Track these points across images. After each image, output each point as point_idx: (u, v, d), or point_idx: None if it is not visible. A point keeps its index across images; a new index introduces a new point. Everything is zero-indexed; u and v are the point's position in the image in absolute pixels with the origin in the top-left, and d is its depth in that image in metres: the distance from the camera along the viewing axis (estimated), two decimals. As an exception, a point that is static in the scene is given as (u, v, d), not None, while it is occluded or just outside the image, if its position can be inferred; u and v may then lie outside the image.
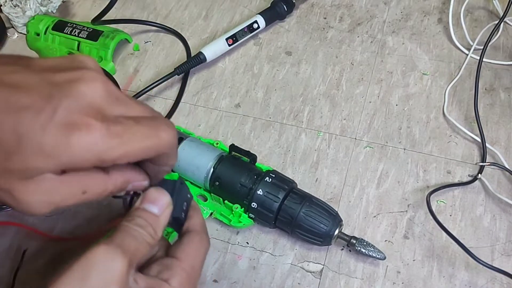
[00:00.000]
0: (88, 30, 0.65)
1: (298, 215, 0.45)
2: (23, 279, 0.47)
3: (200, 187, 0.50)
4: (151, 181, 0.33)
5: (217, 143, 0.52)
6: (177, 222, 0.35)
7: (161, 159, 0.31)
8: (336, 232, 0.45)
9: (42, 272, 0.47)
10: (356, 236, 0.46)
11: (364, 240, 0.45)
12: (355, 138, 0.55)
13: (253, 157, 0.49)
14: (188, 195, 0.37)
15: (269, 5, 0.67)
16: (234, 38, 0.63)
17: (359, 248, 0.45)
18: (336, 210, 0.47)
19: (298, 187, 0.49)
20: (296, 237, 0.47)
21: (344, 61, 0.62)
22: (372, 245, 0.45)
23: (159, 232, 0.32)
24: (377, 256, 0.45)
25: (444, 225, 0.45)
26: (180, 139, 0.50)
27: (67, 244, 0.48)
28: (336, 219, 0.45)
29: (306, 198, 0.46)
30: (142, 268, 0.33)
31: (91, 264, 0.28)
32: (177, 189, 0.35)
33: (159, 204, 0.33)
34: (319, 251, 0.47)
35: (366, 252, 0.45)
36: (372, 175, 0.52)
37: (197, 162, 0.49)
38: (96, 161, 0.27)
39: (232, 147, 0.49)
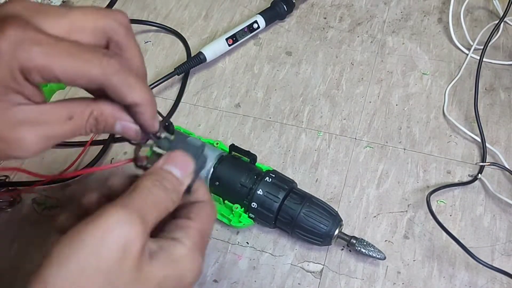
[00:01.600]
0: (88, 30, 0.64)
1: (298, 215, 0.45)
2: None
3: (200, 187, 0.50)
4: (145, 130, 0.31)
5: (217, 143, 0.52)
6: (187, 190, 0.33)
7: (114, 91, 0.28)
8: (336, 232, 0.45)
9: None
10: (356, 236, 0.46)
11: (364, 240, 0.45)
12: (355, 138, 0.55)
13: (253, 157, 0.49)
14: (204, 164, 0.34)
15: (269, 5, 0.67)
16: (234, 38, 0.63)
17: (359, 248, 0.45)
18: (336, 210, 0.47)
19: (298, 187, 0.49)
20: (296, 237, 0.47)
21: (344, 61, 0.62)
22: (372, 245, 0.45)
23: (179, 199, 0.30)
24: (377, 256, 0.45)
25: (444, 225, 0.45)
26: (180, 139, 0.50)
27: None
28: (336, 219, 0.45)
29: (306, 198, 0.46)
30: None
31: (106, 235, 0.25)
32: (199, 156, 0.32)
33: (184, 169, 0.30)
34: (319, 251, 0.47)
35: (366, 252, 0.45)
36: (372, 175, 0.52)
37: (197, 162, 0.49)
38: (20, 68, 0.25)
39: (232, 147, 0.49)
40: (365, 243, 0.45)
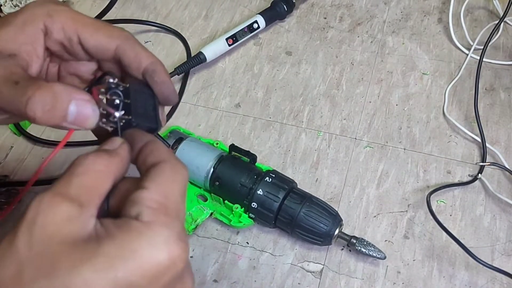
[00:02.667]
0: (88, 30, 0.64)
1: (298, 215, 0.45)
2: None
3: (200, 187, 0.50)
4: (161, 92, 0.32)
5: (217, 143, 0.52)
6: (152, 132, 0.30)
7: (135, 55, 0.32)
8: (336, 231, 0.45)
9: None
10: (356, 236, 0.46)
11: (364, 239, 0.45)
12: (355, 138, 0.55)
13: (253, 157, 0.49)
14: (154, 97, 0.32)
15: (269, 5, 0.67)
16: (234, 38, 0.63)
17: (359, 247, 0.45)
18: (336, 210, 0.47)
19: (298, 187, 0.49)
20: (296, 237, 0.47)
21: (344, 61, 0.62)
22: (372, 244, 0.45)
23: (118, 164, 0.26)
24: (377, 256, 0.45)
25: (444, 225, 0.45)
26: (180, 139, 0.50)
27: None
28: (336, 219, 0.45)
29: (306, 198, 0.46)
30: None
31: (35, 220, 0.22)
32: (134, 91, 0.30)
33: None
34: (319, 251, 0.47)
35: (367, 251, 0.45)
36: (372, 175, 0.52)
37: (197, 162, 0.49)
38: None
39: (232, 147, 0.49)
40: (365, 243, 0.45)
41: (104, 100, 0.28)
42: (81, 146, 0.55)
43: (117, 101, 0.28)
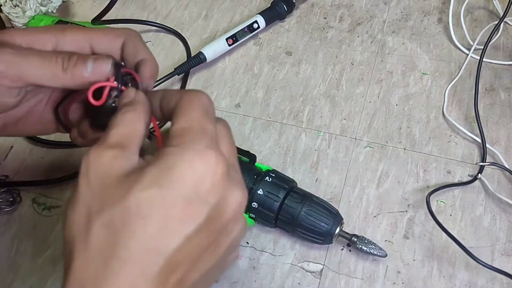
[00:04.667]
0: (88, 30, 0.65)
1: (299, 214, 0.45)
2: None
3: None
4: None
5: (217, 143, 0.52)
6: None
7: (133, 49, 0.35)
8: (337, 230, 0.45)
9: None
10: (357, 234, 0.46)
11: (365, 238, 0.45)
12: (355, 138, 0.55)
13: (252, 157, 0.49)
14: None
15: (269, 5, 0.67)
16: (234, 38, 0.63)
17: (360, 246, 0.45)
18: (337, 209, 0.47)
19: (298, 186, 0.49)
20: (297, 236, 0.47)
21: (344, 61, 0.62)
22: (373, 242, 0.45)
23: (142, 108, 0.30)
24: (378, 254, 0.45)
25: (444, 225, 0.45)
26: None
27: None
28: (337, 218, 0.45)
29: (307, 197, 0.46)
30: None
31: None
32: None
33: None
34: (319, 250, 0.47)
35: (367, 249, 0.45)
36: (372, 175, 0.52)
37: (197, 162, 0.48)
38: None
39: (232, 147, 0.49)
40: (366, 241, 0.45)
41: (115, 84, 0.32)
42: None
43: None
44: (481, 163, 0.51)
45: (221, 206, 0.26)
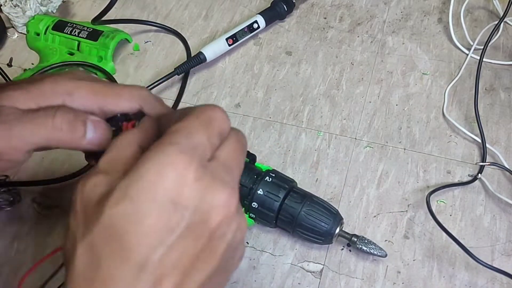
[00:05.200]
0: (88, 30, 0.65)
1: (299, 214, 0.45)
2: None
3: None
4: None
5: (217, 143, 0.52)
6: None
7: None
8: (337, 230, 0.45)
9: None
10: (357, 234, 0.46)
11: (365, 237, 0.45)
12: (355, 138, 0.55)
13: (252, 157, 0.49)
14: None
15: (269, 5, 0.67)
16: (234, 38, 0.63)
17: (360, 245, 0.45)
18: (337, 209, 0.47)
19: (298, 186, 0.49)
20: (297, 236, 0.47)
21: (344, 61, 0.62)
22: (373, 242, 0.45)
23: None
24: (379, 254, 0.45)
25: (444, 225, 0.45)
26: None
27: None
28: (337, 217, 0.45)
29: (307, 197, 0.46)
30: None
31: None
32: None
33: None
34: (319, 251, 0.47)
35: (368, 249, 0.45)
36: (372, 175, 0.52)
37: (197, 162, 0.48)
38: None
39: (232, 147, 0.49)
40: (366, 241, 0.45)
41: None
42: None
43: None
44: (481, 163, 0.51)
45: (203, 210, 0.25)
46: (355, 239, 0.45)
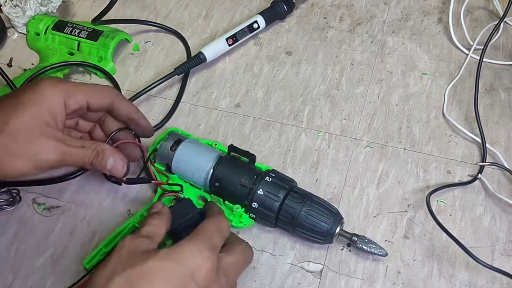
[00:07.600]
0: (88, 30, 0.65)
1: (299, 214, 0.45)
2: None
3: (200, 189, 0.50)
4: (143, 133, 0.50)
5: (215, 144, 0.52)
6: (174, 233, 0.43)
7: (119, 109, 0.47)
8: (338, 230, 0.45)
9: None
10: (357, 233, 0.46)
11: (365, 237, 0.45)
12: (355, 138, 0.55)
13: (252, 157, 0.49)
14: (192, 211, 0.44)
15: (269, 5, 0.67)
16: (234, 38, 0.63)
17: (360, 245, 0.45)
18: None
19: (298, 186, 0.49)
20: (297, 236, 0.47)
21: (344, 61, 0.62)
22: (373, 241, 0.45)
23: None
24: (379, 253, 0.45)
25: (444, 225, 0.45)
26: (179, 141, 0.50)
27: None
28: (337, 217, 0.45)
29: (307, 197, 0.46)
30: None
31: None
32: (179, 203, 0.46)
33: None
34: (319, 250, 0.47)
35: (368, 249, 0.45)
36: (372, 175, 0.52)
37: (197, 164, 0.49)
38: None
39: (231, 147, 0.49)
40: (366, 240, 0.45)
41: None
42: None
43: None
44: (481, 163, 0.51)
45: None
46: (356, 238, 0.45)
